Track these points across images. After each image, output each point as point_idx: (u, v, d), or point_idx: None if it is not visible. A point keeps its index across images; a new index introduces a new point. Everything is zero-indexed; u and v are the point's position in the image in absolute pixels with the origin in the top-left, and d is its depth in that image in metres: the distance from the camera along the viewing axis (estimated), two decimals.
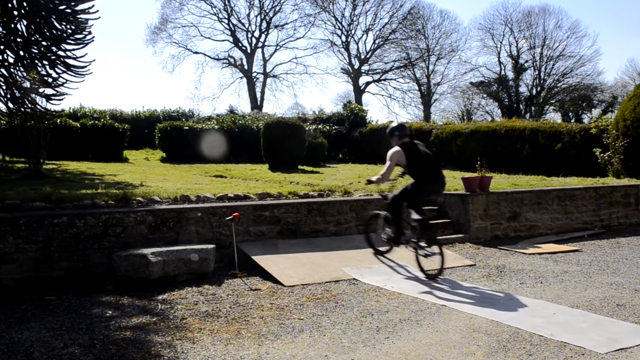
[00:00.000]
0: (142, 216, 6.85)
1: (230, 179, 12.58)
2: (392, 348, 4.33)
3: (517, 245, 8.92)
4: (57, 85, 11.58)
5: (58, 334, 4.63)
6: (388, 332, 4.70)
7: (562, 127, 16.44)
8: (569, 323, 4.86)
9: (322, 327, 4.85)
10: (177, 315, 5.17)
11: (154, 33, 43.48)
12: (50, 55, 11.55)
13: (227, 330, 4.76)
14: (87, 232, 6.51)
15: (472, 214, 9.19)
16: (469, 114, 46.31)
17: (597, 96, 43.05)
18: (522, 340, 4.47)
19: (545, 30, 44.02)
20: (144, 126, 22.66)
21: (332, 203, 8.27)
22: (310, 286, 6.28)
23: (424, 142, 19.81)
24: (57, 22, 11.47)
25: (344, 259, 7.22)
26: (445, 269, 7.21)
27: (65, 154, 16.08)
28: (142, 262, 6.12)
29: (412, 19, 44.46)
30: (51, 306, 5.46)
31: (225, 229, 7.30)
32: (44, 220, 6.32)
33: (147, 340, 4.51)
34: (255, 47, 44.36)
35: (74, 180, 10.62)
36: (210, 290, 6.05)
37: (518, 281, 6.55)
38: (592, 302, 5.55)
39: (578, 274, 6.87)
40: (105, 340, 4.48)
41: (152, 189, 9.04)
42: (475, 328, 4.78)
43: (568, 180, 12.78)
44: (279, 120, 17.27)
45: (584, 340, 4.42)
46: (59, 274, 6.31)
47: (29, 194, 7.75)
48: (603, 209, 10.66)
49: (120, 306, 5.47)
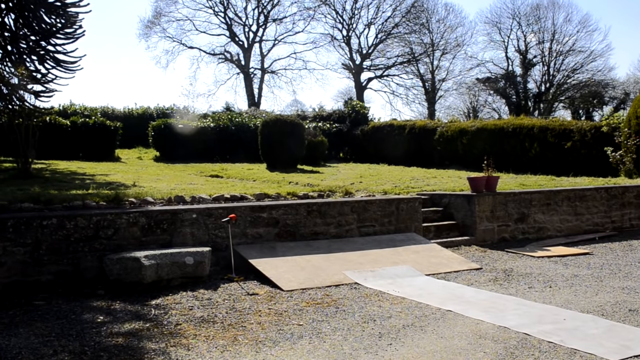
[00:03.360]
0: (135, 218, 6.85)
1: (226, 179, 12.58)
2: (395, 355, 4.33)
3: (526, 248, 8.91)
4: (46, 82, 11.58)
5: (47, 341, 4.62)
6: (391, 339, 4.69)
7: (572, 124, 16.44)
8: (579, 329, 4.86)
9: (322, 333, 4.84)
10: (171, 321, 5.16)
11: (147, 27, 43.49)
12: (39, 50, 11.55)
13: (224, 337, 4.76)
14: (77, 235, 6.51)
15: (479, 216, 9.19)
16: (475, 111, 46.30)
17: (608, 93, 43.03)
18: (530, 347, 4.46)
19: (555, 24, 44.02)
20: (136, 124, 22.64)
21: (333, 204, 8.26)
22: (310, 290, 6.28)
23: (429, 140, 20.14)
24: (46, 16, 11.47)
25: (345, 262, 7.21)
26: (451, 273, 7.21)
27: (54, 153, 16.07)
28: (134, 266, 6.11)
29: (415, 12, 44.45)
30: (40, 311, 5.45)
31: (222, 231, 7.29)
32: (32, 222, 6.31)
33: (139, 346, 4.50)
34: (252, 42, 44.37)
35: (63, 180, 10.62)
36: (206, 295, 6.05)
37: (526, 285, 6.55)
38: (604, 307, 5.55)
39: (589, 278, 6.86)
40: (96, 347, 4.47)
41: (145, 189, 9.04)
42: (481, 334, 4.77)
43: (578, 180, 12.78)
44: (278, 118, 17.27)
45: (595, 347, 4.41)
46: (48, 277, 6.31)
47: (16, 194, 7.74)
48: (615, 210, 10.66)
49: (112, 311, 5.47)
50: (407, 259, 7.55)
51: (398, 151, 20.45)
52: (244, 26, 44.14)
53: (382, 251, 7.80)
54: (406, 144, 20.62)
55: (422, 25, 44.94)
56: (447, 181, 12.68)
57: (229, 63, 44.96)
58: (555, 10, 44.24)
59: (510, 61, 45.43)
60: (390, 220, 8.63)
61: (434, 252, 8.04)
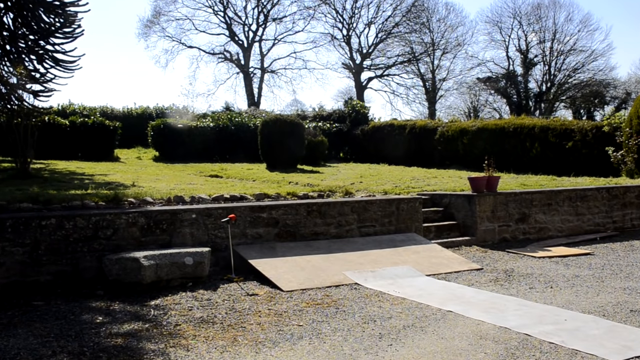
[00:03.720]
0: (134, 218, 6.86)
1: (226, 179, 12.59)
2: (395, 356, 4.34)
3: (526, 248, 8.92)
4: (45, 81, 11.59)
5: (46, 341, 4.63)
6: (391, 339, 4.70)
7: (573, 124, 16.46)
8: (580, 330, 4.86)
9: (322, 334, 4.85)
10: (170, 322, 5.17)
11: (146, 26, 43.51)
12: (38, 49, 11.56)
13: (223, 337, 4.76)
14: (76, 235, 6.51)
15: (479, 216, 9.20)
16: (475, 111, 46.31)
17: (609, 92, 43.04)
18: (531, 347, 4.47)
19: (556, 24, 44.03)
20: (136, 124, 22.65)
21: (333, 204, 8.27)
22: (310, 291, 6.29)
23: (429, 140, 20.14)
24: (45, 15, 11.48)
25: (345, 263, 7.22)
26: (451, 273, 7.23)
27: (53, 153, 16.09)
28: (134, 266, 6.12)
29: (416, 11, 44.47)
30: (39, 312, 5.46)
31: (221, 232, 7.30)
32: (31, 222, 6.32)
33: (139, 347, 4.51)
34: (252, 41, 44.38)
35: (62, 180, 10.63)
36: (205, 296, 6.06)
37: (527, 286, 6.56)
38: (605, 308, 5.56)
39: (590, 279, 6.87)
40: (95, 348, 4.48)
41: (145, 189, 9.05)
42: (482, 335, 4.78)
43: (579, 180, 12.79)
44: (277, 118, 17.29)
45: (597, 348, 4.42)
46: (47, 278, 6.31)
47: (15, 194, 7.75)
48: (616, 211, 10.67)
49: (111, 312, 5.48)
50: (407, 260, 7.56)
51: (398, 151, 20.46)
52: (244, 25, 44.19)
53: (383, 251, 7.80)
54: (406, 144, 20.63)
55: (423, 25, 44.98)
56: (448, 181, 12.69)
57: (229, 62, 45.00)
58: (556, 10, 44.28)
59: (511, 61, 45.47)
60: (390, 220, 8.64)
61: (435, 252, 8.04)
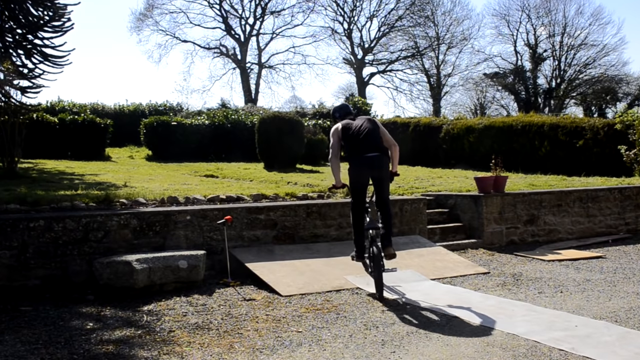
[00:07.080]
0: (126, 219, 6.85)
1: (222, 179, 12.58)
2: None
3: (535, 251, 8.92)
4: (33, 77, 11.58)
5: (34, 348, 4.62)
6: (394, 346, 4.70)
7: (584, 122, 16.46)
8: (591, 336, 4.86)
9: (322, 341, 4.84)
10: (164, 328, 5.17)
11: (138, 20, 43.40)
12: (26, 44, 11.55)
13: (219, 344, 4.76)
14: (65, 237, 6.51)
15: (486, 217, 9.20)
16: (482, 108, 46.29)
17: (622, 88, 43.01)
18: (540, 355, 4.47)
19: (566, 17, 43.96)
20: (128, 121, 22.62)
21: (334, 205, 8.27)
22: (309, 296, 6.28)
23: (434, 138, 20.08)
24: (33, 8, 11.48)
25: (346, 266, 7.22)
26: (457, 277, 7.22)
27: (42, 152, 16.06)
28: (126, 270, 6.12)
29: (420, 4, 44.39)
30: (27, 318, 5.45)
31: (217, 234, 7.29)
32: (18, 224, 6.31)
33: (131, 354, 4.50)
34: (249, 36, 44.33)
35: (51, 180, 10.62)
36: (200, 301, 6.05)
37: (536, 290, 6.56)
38: (617, 314, 5.55)
39: (602, 283, 6.87)
40: (85, 355, 4.48)
41: (137, 189, 9.04)
42: (489, 342, 4.78)
43: (591, 180, 12.79)
44: (275, 115, 17.26)
45: (609, 355, 4.41)
46: (35, 282, 6.31)
47: (2, 195, 7.74)
48: (629, 212, 10.66)
49: (102, 318, 5.47)
50: (411, 263, 7.55)
51: (401, 150, 20.40)
52: (241, 19, 44.12)
53: None
54: (410, 142, 20.60)
55: (427, 18, 44.91)
56: (453, 181, 12.69)
57: (225, 57, 44.92)
58: (566, 3, 44.21)
59: (519, 55, 45.38)
60: (393, 222, 8.62)
61: (440, 255, 8.04)
